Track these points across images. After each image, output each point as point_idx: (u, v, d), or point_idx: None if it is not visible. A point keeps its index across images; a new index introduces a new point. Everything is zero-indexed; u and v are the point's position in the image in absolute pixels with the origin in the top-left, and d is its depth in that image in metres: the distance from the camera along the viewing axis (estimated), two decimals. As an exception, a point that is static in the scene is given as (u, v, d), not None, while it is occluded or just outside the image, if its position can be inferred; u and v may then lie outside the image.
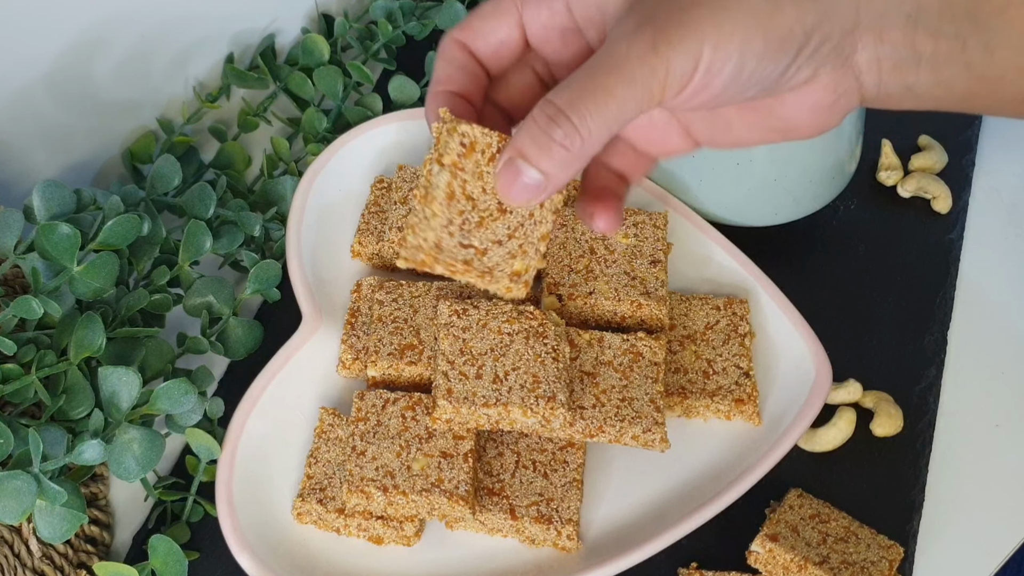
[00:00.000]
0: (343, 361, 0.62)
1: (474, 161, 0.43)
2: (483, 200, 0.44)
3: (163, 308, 0.62)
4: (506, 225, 0.44)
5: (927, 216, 0.73)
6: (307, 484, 0.57)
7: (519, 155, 0.41)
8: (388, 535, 0.57)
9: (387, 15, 0.80)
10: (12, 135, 0.68)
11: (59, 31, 0.68)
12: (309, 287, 0.63)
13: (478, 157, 0.43)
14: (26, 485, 0.52)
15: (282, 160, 0.74)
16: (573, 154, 0.40)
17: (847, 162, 0.69)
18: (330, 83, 0.75)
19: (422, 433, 0.57)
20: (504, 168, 0.42)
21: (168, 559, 0.56)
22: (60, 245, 0.58)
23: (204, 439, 0.58)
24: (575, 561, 0.56)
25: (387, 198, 0.67)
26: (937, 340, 0.67)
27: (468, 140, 0.43)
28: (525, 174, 0.41)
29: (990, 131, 0.78)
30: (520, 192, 0.41)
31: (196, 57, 0.77)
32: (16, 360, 0.57)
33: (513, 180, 0.41)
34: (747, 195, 0.67)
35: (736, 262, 0.65)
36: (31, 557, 0.57)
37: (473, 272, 0.44)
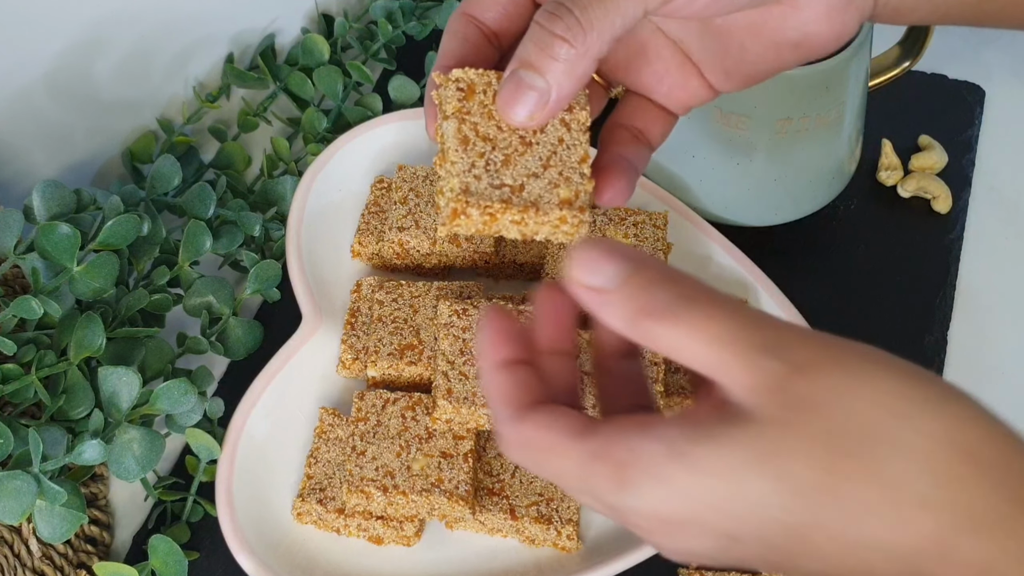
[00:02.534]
0: (343, 361, 0.62)
1: (478, 102, 0.41)
2: (501, 138, 0.41)
3: (163, 308, 0.62)
4: (537, 157, 0.41)
5: (927, 216, 0.73)
6: (307, 484, 0.57)
7: (521, 64, 0.39)
8: (388, 535, 0.57)
9: (387, 15, 0.80)
10: (12, 135, 0.68)
11: (59, 31, 0.68)
12: (309, 287, 0.63)
13: (480, 97, 0.41)
14: (26, 485, 0.52)
15: (282, 160, 0.74)
16: (577, 51, 0.38)
17: (847, 162, 0.69)
18: (330, 83, 0.75)
19: (422, 433, 0.57)
20: (505, 81, 0.39)
21: (168, 559, 0.56)
22: (60, 245, 0.58)
23: (204, 439, 0.58)
24: (575, 561, 0.56)
25: (387, 198, 0.67)
26: (937, 340, 0.67)
27: (464, 83, 0.41)
28: (527, 82, 0.38)
29: (990, 131, 0.78)
30: (524, 104, 0.39)
31: (196, 57, 0.77)
32: (16, 360, 0.57)
33: (515, 91, 0.39)
34: (747, 195, 0.67)
35: (736, 262, 0.65)
36: (31, 557, 0.57)
37: (515, 209, 0.40)
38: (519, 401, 0.37)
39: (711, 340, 0.33)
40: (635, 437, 0.34)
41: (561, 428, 0.36)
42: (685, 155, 0.67)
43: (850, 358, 0.33)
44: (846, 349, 0.33)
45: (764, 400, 0.32)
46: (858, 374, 0.32)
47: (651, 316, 0.34)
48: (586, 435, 0.35)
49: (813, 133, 0.64)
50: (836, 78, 0.62)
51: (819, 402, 0.32)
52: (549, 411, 0.36)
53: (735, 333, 0.33)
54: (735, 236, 0.66)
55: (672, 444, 0.33)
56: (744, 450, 0.32)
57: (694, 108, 0.47)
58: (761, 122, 0.63)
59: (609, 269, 0.34)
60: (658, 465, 0.33)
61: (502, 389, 0.37)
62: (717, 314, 0.33)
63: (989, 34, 0.83)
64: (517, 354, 0.38)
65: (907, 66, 0.72)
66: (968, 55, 0.82)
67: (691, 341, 0.33)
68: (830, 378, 0.32)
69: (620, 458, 0.34)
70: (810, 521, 0.32)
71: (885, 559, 0.32)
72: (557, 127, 0.41)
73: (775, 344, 0.33)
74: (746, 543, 0.33)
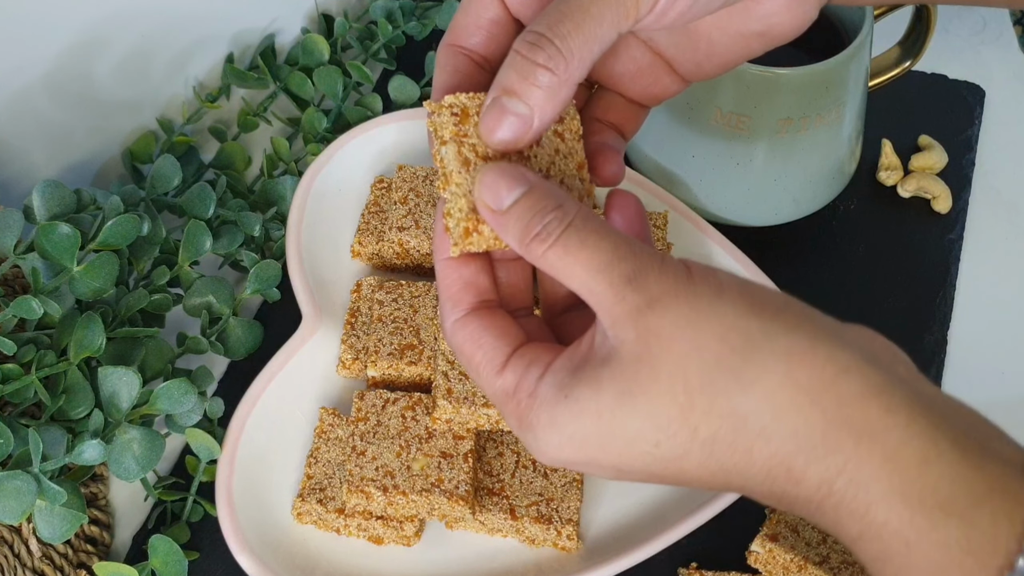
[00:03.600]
0: (343, 361, 0.62)
1: (472, 124, 0.41)
2: (500, 155, 0.41)
3: (163, 308, 0.62)
4: (537, 169, 0.41)
5: (927, 216, 0.73)
6: (307, 484, 0.58)
7: (504, 92, 0.39)
8: (388, 535, 0.57)
9: (387, 15, 0.80)
10: (12, 135, 0.68)
11: (59, 31, 0.68)
12: (309, 287, 0.63)
13: (475, 119, 0.41)
14: (26, 485, 0.52)
15: (282, 160, 0.74)
16: (559, 78, 0.39)
17: (847, 162, 0.69)
18: (330, 83, 0.75)
19: (422, 433, 0.57)
20: (488, 108, 0.40)
21: (168, 559, 0.56)
22: (60, 245, 0.58)
23: (204, 439, 0.58)
24: (575, 561, 0.56)
25: (387, 198, 0.67)
26: (937, 340, 0.67)
27: (458, 108, 0.41)
28: (510, 108, 0.39)
29: (990, 131, 0.78)
30: (507, 128, 0.39)
31: (196, 57, 0.77)
32: (16, 360, 0.57)
33: (498, 118, 0.39)
34: (747, 195, 0.67)
35: (736, 262, 0.65)
36: (31, 557, 0.57)
37: None
38: (463, 302, 0.41)
39: (588, 268, 0.36)
40: (535, 378, 0.38)
41: (486, 355, 0.39)
42: (685, 155, 0.67)
43: (701, 290, 0.36)
44: (699, 280, 0.36)
45: (625, 332, 0.36)
46: (704, 308, 0.35)
47: (539, 239, 0.37)
48: (503, 370, 0.39)
49: (813, 133, 0.65)
50: (836, 78, 0.62)
51: (666, 335, 0.35)
52: (483, 328, 0.40)
53: (609, 263, 0.36)
54: (735, 236, 0.66)
55: (561, 386, 0.37)
56: (612, 387, 0.36)
57: (666, 100, 0.48)
58: (761, 122, 0.63)
59: (504, 192, 0.38)
60: (550, 410, 0.37)
61: (447, 284, 0.41)
62: (598, 244, 0.36)
63: (989, 34, 0.83)
64: None
65: (907, 66, 0.72)
66: (968, 55, 0.82)
67: (573, 267, 0.36)
68: (678, 311, 0.35)
69: (522, 401, 0.38)
70: (679, 453, 0.36)
71: (744, 482, 0.36)
72: (551, 139, 0.42)
73: (636, 275, 0.36)
74: (634, 474, 0.37)
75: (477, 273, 0.41)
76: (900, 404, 0.35)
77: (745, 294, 0.36)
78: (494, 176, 0.38)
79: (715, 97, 0.63)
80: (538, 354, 0.39)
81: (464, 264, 0.41)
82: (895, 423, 0.34)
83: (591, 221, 0.37)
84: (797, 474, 0.35)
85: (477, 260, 0.41)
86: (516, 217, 0.37)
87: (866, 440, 0.34)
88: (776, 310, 0.36)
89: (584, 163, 0.42)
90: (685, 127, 0.66)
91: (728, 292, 0.36)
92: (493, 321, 0.40)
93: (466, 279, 0.41)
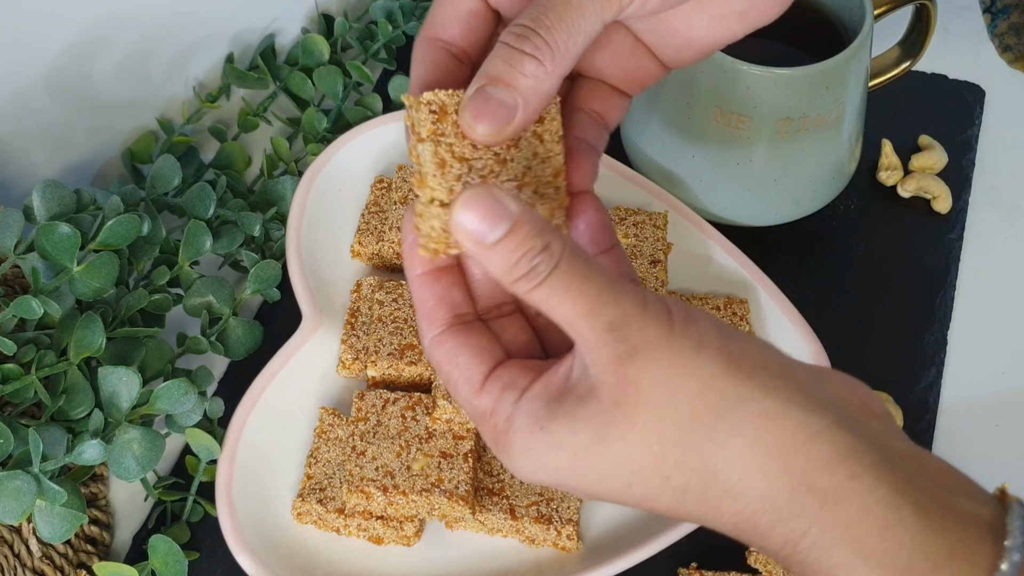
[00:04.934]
0: (343, 361, 0.62)
1: (451, 122, 0.40)
2: (476, 157, 0.41)
3: (163, 308, 0.62)
4: (511, 176, 0.41)
5: (927, 216, 0.73)
6: (307, 484, 0.58)
7: (488, 80, 0.39)
8: (388, 535, 0.57)
9: (387, 15, 0.80)
10: (12, 135, 0.68)
11: (59, 31, 0.68)
12: (309, 287, 0.63)
13: (453, 117, 0.40)
14: (26, 485, 0.52)
15: (282, 160, 0.74)
16: (546, 68, 0.39)
17: (847, 162, 0.69)
18: (330, 83, 0.75)
19: (422, 433, 0.57)
20: (471, 97, 0.39)
21: (168, 559, 0.56)
22: (60, 245, 0.58)
23: (204, 439, 0.58)
24: (575, 561, 0.56)
25: (387, 198, 0.67)
26: (937, 340, 0.67)
27: (436, 105, 0.40)
28: (495, 97, 0.39)
29: (990, 131, 0.78)
30: (490, 119, 0.39)
31: (196, 57, 0.77)
32: (16, 360, 0.57)
33: (482, 106, 0.39)
34: (747, 195, 0.67)
35: (736, 262, 0.65)
36: (31, 557, 0.57)
37: None
38: (438, 319, 0.41)
39: (571, 311, 0.37)
40: (510, 402, 0.39)
41: (463, 374, 0.40)
42: (685, 155, 0.67)
43: (681, 344, 0.36)
44: (680, 332, 0.36)
45: (605, 376, 0.37)
46: (682, 363, 0.36)
47: (524, 280, 0.37)
48: (480, 392, 0.39)
49: (813, 133, 0.65)
50: (836, 78, 0.62)
51: (644, 387, 0.36)
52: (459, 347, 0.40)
53: (591, 310, 0.36)
54: (735, 236, 0.66)
55: (536, 417, 0.38)
56: (588, 429, 0.37)
57: (648, 87, 0.47)
58: (761, 122, 0.63)
59: (487, 228, 0.37)
60: (525, 438, 0.38)
61: (421, 300, 0.41)
62: (582, 288, 0.36)
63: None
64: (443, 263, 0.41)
65: (907, 66, 0.72)
66: (968, 55, 0.82)
67: (556, 308, 0.37)
68: (657, 365, 0.36)
69: (498, 425, 0.39)
70: (650, 495, 0.37)
71: (714, 527, 0.38)
72: (530, 140, 0.41)
73: (618, 323, 0.36)
74: (606, 499, 0.39)
75: (450, 287, 0.41)
76: (865, 469, 0.35)
77: (723, 351, 0.36)
78: (477, 211, 0.37)
79: (715, 97, 0.63)
80: (514, 377, 0.39)
81: (436, 280, 0.41)
82: (858, 489, 0.35)
83: (577, 263, 0.37)
84: (763, 531, 0.36)
85: (449, 274, 0.41)
86: (500, 255, 0.37)
87: (830, 505, 0.35)
88: (752, 369, 0.36)
89: (562, 170, 0.42)
90: (685, 127, 0.66)
91: (707, 348, 0.36)
92: (469, 339, 0.41)
93: (439, 295, 0.41)
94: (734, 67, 0.62)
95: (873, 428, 0.37)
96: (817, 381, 0.37)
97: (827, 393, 0.37)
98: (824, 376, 0.38)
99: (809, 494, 0.35)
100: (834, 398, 0.37)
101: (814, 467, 0.35)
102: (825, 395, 0.37)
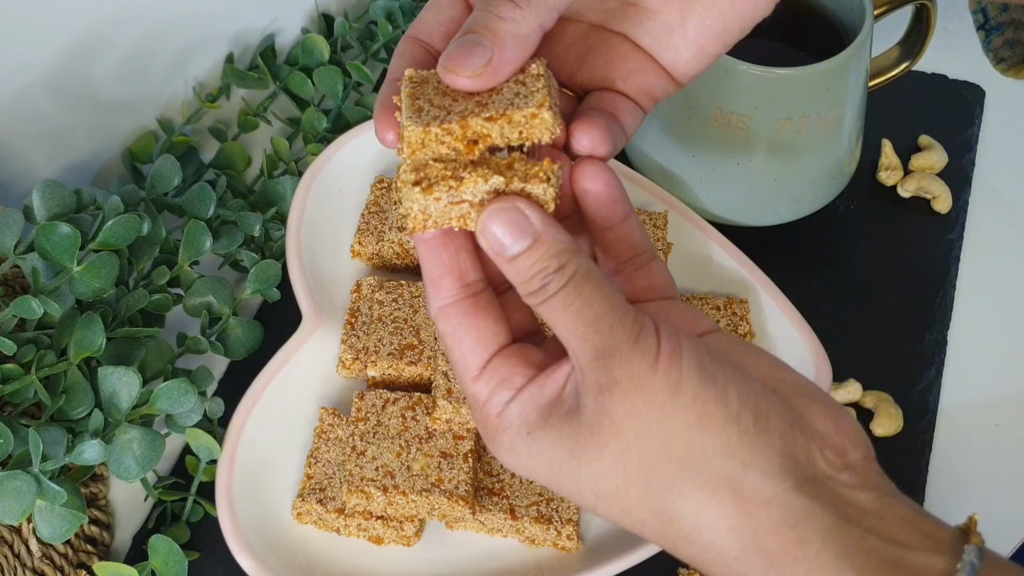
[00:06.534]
0: (343, 361, 0.62)
1: (432, 86, 0.41)
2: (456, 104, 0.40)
3: (163, 308, 0.62)
4: (489, 112, 0.40)
5: (927, 216, 0.73)
6: (307, 484, 0.57)
7: (467, 31, 0.40)
8: (388, 535, 0.57)
9: (387, 15, 0.80)
10: (12, 135, 0.68)
11: (59, 31, 0.68)
12: (309, 287, 0.63)
13: (434, 83, 0.41)
14: (26, 485, 0.52)
15: (282, 160, 0.74)
16: (521, 11, 0.40)
17: (847, 162, 0.69)
18: (330, 83, 0.75)
19: (422, 433, 0.57)
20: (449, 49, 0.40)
21: (168, 559, 0.56)
22: (60, 245, 0.58)
23: (204, 439, 0.58)
24: (575, 561, 0.56)
25: (387, 198, 0.67)
26: (937, 340, 0.67)
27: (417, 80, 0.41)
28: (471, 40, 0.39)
29: (990, 131, 0.78)
30: (466, 59, 0.39)
31: (196, 57, 0.77)
32: (16, 360, 0.57)
33: (456, 50, 0.39)
34: (747, 195, 0.67)
35: (736, 262, 0.65)
36: (31, 557, 0.57)
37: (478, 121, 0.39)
38: (445, 288, 0.41)
39: (567, 330, 0.38)
40: (503, 401, 0.40)
41: (464, 356, 0.41)
42: (685, 155, 0.67)
43: (659, 386, 0.37)
44: (661, 373, 0.37)
45: (586, 398, 0.38)
46: (656, 407, 0.37)
47: (534, 295, 0.38)
48: (477, 379, 0.41)
49: (813, 133, 0.65)
50: (836, 78, 0.62)
51: (617, 421, 0.38)
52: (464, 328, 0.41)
53: (584, 335, 0.38)
54: (735, 236, 0.66)
55: (525, 421, 0.40)
56: (566, 445, 0.39)
57: (660, 102, 0.48)
58: (761, 122, 0.63)
59: (508, 242, 0.38)
60: (512, 438, 0.40)
61: (429, 267, 0.41)
62: (582, 311, 0.38)
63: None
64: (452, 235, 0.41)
65: (907, 66, 0.72)
66: (968, 55, 0.81)
67: (555, 325, 0.38)
68: (632, 403, 0.37)
69: (490, 417, 0.40)
70: (614, 517, 0.39)
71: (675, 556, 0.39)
72: (512, 87, 0.41)
73: (604, 353, 0.37)
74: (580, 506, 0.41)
75: (457, 253, 0.41)
76: (815, 535, 0.36)
77: (698, 401, 0.37)
78: (503, 223, 0.38)
79: (715, 97, 0.63)
80: (511, 374, 0.40)
81: (443, 246, 0.41)
82: (805, 554, 0.36)
83: (585, 286, 0.38)
84: (717, 575, 0.38)
85: (456, 238, 0.41)
86: (518, 269, 0.39)
87: (775, 568, 0.36)
88: (723, 423, 0.37)
89: (546, 100, 0.40)
90: (685, 127, 0.66)
91: (683, 395, 0.37)
92: (476, 320, 0.41)
93: (447, 263, 0.41)
94: (734, 67, 0.62)
95: (840, 483, 0.38)
96: (793, 428, 0.38)
97: (797, 449, 0.38)
98: (809, 412, 0.39)
99: (757, 555, 0.37)
100: (802, 454, 0.38)
101: (764, 531, 0.37)
102: (793, 452, 0.37)
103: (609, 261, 0.43)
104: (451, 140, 0.40)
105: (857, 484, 0.38)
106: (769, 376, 0.40)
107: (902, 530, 0.37)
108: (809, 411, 0.39)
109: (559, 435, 0.39)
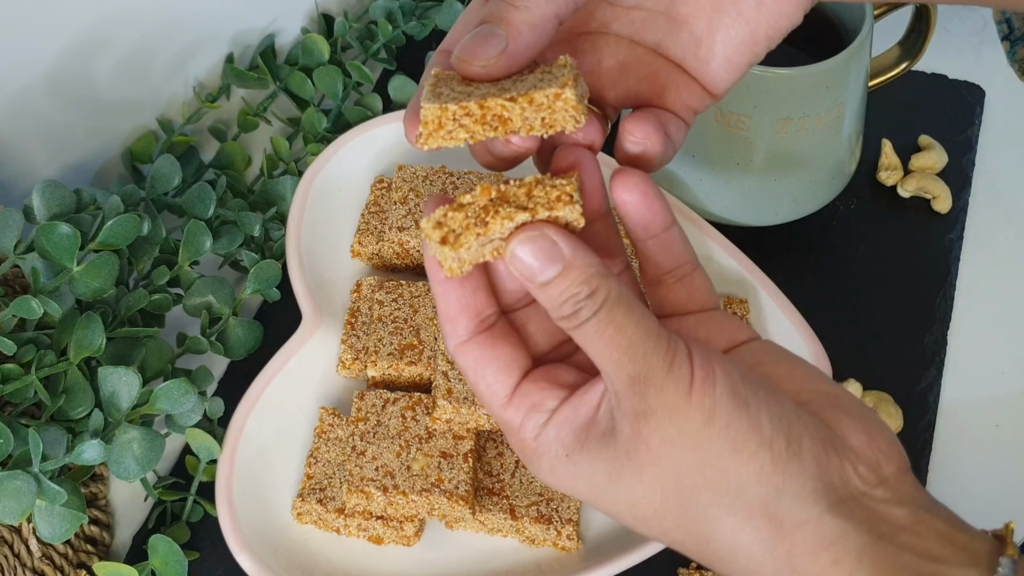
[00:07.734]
0: (343, 361, 0.62)
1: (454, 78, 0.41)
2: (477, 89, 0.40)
3: (163, 308, 0.62)
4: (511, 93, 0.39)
5: (927, 216, 0.73)
6: (307, 484, 0.58)
7: (482, 22, 0.40)
8: (388, 535, 0.57)
9: (387, 15, 0.80)
10: (12, 135, 0.68)
11: (59, 31, 0.68)
12: (309, 287, 0.63)
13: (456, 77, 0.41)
14: (26, 485, 0.52)
15: (282, 160, 0.74)
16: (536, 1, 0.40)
17: (847, 162, 0.69)
18: (330, 83, 0.75)
19: (422, 433, 0.57)
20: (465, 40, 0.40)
21: (168, 559, 0.56)
22: (60, 245, 0.58)
23: (204, 439, 0.58)
24: (575, 561, 0.56)
25: (387, 198, 0.67)
26: (937, 340, 0.67)
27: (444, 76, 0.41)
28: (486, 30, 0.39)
29: (990, 131, 0.78)
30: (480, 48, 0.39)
31: (196, 57, 0.77)
32: (16, 360, 0.57)
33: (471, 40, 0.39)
34: (747, 195, 0.67)
35: (736, 262, 0.65)
36: (31, 557, 0.57)
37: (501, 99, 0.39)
38: (461, 325, 0.41)
39: (600, 356, 0.38)
40: (538, 424, 0.40)
41: (490, 387, 0.41)
42: (685, 155, 0.67)
43: (694, 415, 0.38)
44: (696, 401, 0.38)
45: (622, 424, 0.39)
46: (691, 436, 0.38)
47: (565, 320, 0.38)
48: (507, 406, 0.41)
49: (813, 133, 0.65)
50: (836, 78, 0.63)
51: (653, 449, 0.38)
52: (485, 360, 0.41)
53: (618, 362, 0.38)
54: (735, 236, 0.66)
55: (563, 444, 0.40)
56: (604, 468, 0.39)
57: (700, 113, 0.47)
58: (761, 122, 0.63)
59: (539, 269, 0.38)
60: (551, 461, 0.40)
61: (445, 306, 0.41)
62: (615, 338, 0.38)
63: (989, 34, 0.83)
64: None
65: (907, 66, 0.72)
66: (968, 55, 0.82)
67: (589, 350, 0.38)
68: (667, 432, 0.38)
69: (526, 440, 0.41)
70: (652, 536, 0.40)
71: None
72: (536, 75, 0.40)
73: (638, 380, 0.38)
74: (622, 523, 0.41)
75: (474, 292, 0.41)
76: (848, 555, 0.37)
77: (731, 428, 0.37)
78: (532, 250, 0.38)
79: (715, 97, 0.63)
80: (542, 397, 0.40)
81: (460, 285, 0.41)
82: (839, 574, 0.37)
83: (617, 312, 0.38)
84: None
85: (472, 278, 0.41)
86: (549, 295, 0.38)
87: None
88: (756, 450, 0.37)
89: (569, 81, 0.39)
90: (685, 127, 0.66)
91: (716, 422, 0.37)
92: (495, 351, 0.41)
93: (462, 302, 0.41)
94: (734, 67, 0.62)
95: (874, 499, 0.38)
96: (827, 448, 0.38)
97: (830, 470, 0.38)
98: (842, 427, 0.39)
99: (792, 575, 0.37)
100: (835, 475, 0.38)
101: (799, 553, 0.37)
102: (827, 474, 0.38)
103: (650, 270, 0.43)
104: (469, 122, 0.39)
105: (891, 499, 0.38)
106: (803, 388, 0.40)
107: (937, 544, 0.37)
108: (842, 425, 0.39)
109: (596, 458, 0.39)
